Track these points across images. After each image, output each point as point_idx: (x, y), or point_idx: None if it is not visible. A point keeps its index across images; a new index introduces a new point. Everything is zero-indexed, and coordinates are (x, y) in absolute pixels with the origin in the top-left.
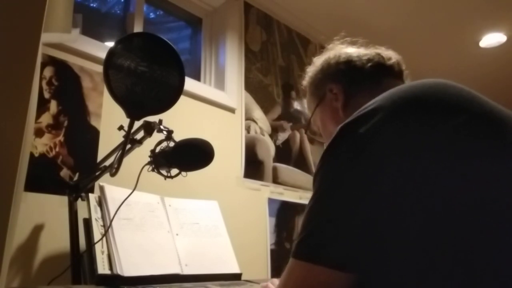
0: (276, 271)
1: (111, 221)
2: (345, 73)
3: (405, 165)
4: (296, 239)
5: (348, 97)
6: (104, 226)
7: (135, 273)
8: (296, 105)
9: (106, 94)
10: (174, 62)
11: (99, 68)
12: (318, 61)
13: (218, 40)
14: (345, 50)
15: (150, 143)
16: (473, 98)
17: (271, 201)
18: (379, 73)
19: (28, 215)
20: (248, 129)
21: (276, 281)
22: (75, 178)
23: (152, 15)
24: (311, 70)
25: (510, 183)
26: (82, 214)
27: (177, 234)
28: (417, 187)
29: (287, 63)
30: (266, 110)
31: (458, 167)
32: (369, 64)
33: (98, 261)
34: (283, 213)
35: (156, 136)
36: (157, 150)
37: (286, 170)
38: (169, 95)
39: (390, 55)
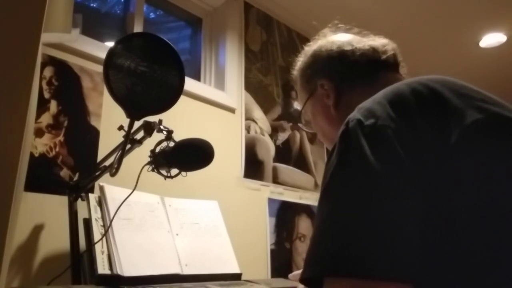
0: (276, 271)
1: (111, 221)
2: (337, 70)
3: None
4: (320, 253)
5: (340, 95)
6: (104, 226)
7: (135, 273)
8: (296, 105)
9: (106, 94)
10: (174, 62)
11: (99, 68)
12: (309, 51)
13: (218, 40)
14: (338, 39)
15: (150, 143)
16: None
17: (271, 201)
18: (374, 69)
19: (28, 215)
20: (248, 129)
21: None
22: (75, 178)
23: (152, 15)
24: (301, 61)
25: None
26: (82, 214)
27: (177, 234)
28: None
29: (287, 63)
30: (266, 110)
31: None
32: (363, 60)
33: (98, 261)
34: (283, 213)
35: (156, 136)
36: (157, 150)
37: (286, 170)
38: (169, 95)
39: (385, 47)
